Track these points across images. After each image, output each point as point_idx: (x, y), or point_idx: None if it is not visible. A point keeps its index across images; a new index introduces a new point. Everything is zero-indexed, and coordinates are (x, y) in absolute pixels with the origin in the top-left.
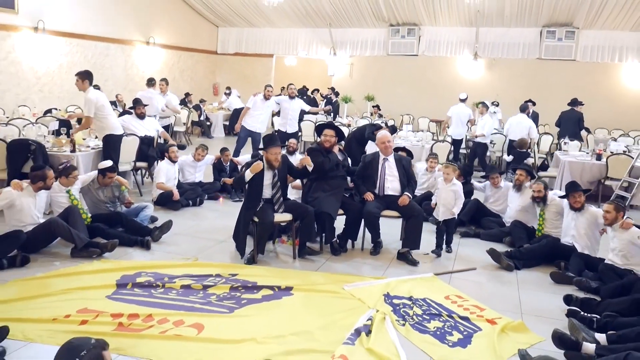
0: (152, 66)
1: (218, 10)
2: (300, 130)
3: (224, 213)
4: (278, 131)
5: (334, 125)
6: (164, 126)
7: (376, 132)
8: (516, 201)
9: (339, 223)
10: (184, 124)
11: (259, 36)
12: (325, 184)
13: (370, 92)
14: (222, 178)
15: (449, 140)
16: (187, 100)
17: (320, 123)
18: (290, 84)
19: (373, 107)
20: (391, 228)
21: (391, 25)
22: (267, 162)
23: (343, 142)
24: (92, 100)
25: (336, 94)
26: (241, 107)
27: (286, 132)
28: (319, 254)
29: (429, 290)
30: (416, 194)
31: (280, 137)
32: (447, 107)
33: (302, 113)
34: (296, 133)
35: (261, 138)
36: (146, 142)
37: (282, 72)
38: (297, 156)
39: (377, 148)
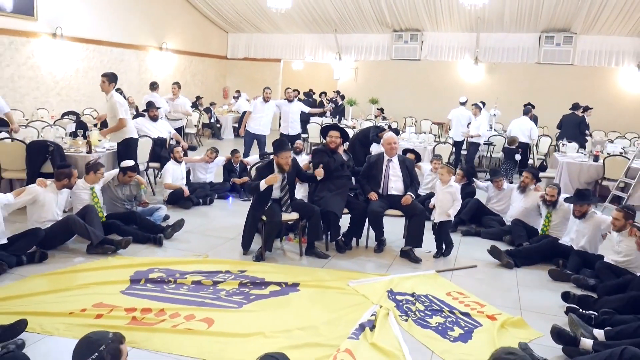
0: (165, 71)
1: (228, 16)
2: (306, 132)
3: (234, 212)
4: (281, 134)
5: (339, 126)
6: (176, 128)
7: (380, 135)
8: (520, 202)
9: (344, 221)
10: (195, 126)
11: (267, 41)
12: (330, 184)
13: (374, 95)
14: (232, 178)
15: (450, 142)
16: (198, 103)
17: (325, 125)
18: (287, 88)
19: (377, 110)
20: (394, 227)
21: (394, 30)
22: (278, 166)
23: (347, 143)
24: (122, 102)
25: (342, 97)
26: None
27: (288, 135)
28: (329, 258)
29: (431, 286)
30: (420, 194)
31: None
32: (449, 110)
33: (303, 115)
34: (299, 135)
35: (266, 140)
36: (159, 144)
37: (290, 76)
38: (304, 157)
39: (381, 149)
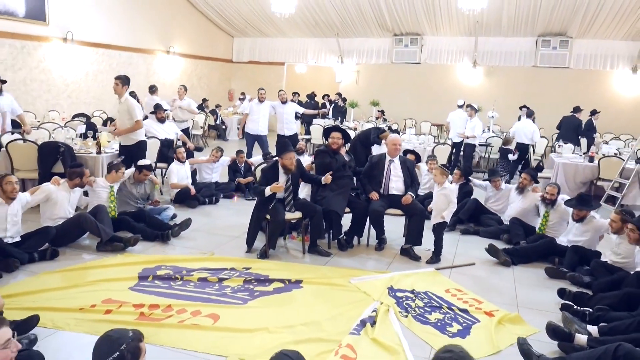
0: (172, 74)
1: (233, 21)
2: (309, 133)
3: (238, 211)
4: (278, 135)
5: (341, 128)
6: (183, 129)
7: (381, 136)
8: (518, 203)
9: (346, 220)
10: (201, 128)
11: (271, 45)
12: (333, 184)
13: (375, 98)
14: (237, 178)
15: (449, 143)
16: (204, 105)
17: (327, 127)
18: (280, 90)
19: (378, 112)
20: (395, 225)
21: (395, 35)
22: (283, 167)
23: (349, 144)
24: (138, 105)
25: (343, 100)
26: None
27: (284, 135)
28: (331, 256)
29: (430, 284)
30: (419, 194)
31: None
32: (448, 112)
33: (306, 117)
34: (295, 135)
35: (267, 138)
36: (166, 145)
37: (293, 79)
38: (306, 158)
39: (381, 150)
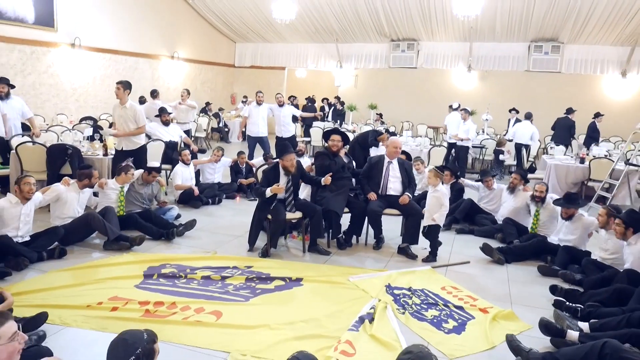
0: (176, 78)
1: (236, 27)
2: (309, 135)
3: (241, 211)
4: (276, 137)
5: (340, 130)
6: (185, 131)
7: (379, 139)
8: (509, 202)
9: (345, 220)
10: (205, 130)
11: (273, 51)
12: (332, 185)
13: (373, 101)
14: (239, 179)
15: (445, 145)
16: (208, 109)
17: (327, 130)
18: (277, 94)
19: (376, 115)
20: (392, 225)
21: (392, 40)
22: (284, 169)
23: (347, 146)
24: (142, 110)
25: (342, 103)
26: None
27: (282, 137)
28: (330, 255)
29: (427, 281)
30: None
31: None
32: (444, 115)
33: (295, 118)
34: (293, 137)
35: (267, 140)
36: (170, 147)
37: (294, 83)
38: (305, 159)
39: (379, 152)
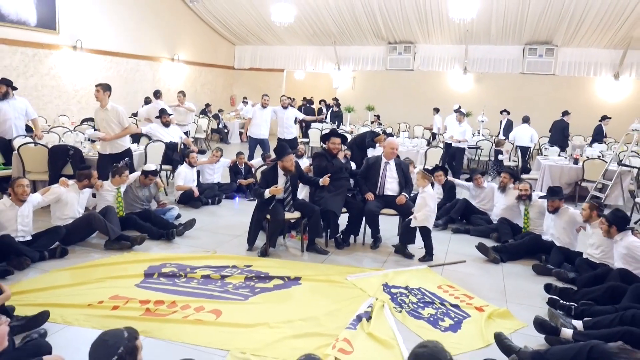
0: (177, 80)
1: (235, 30)
2: (307, 136)
3: (240, 211)
4: (278, 138)
5: (339, 133)
6: (184, 132)
7: (375, 140)
8: (501, 201)
9: (343, 220)
10: (204, 131)
11: (272, 53)
12: (330, 185)
13: (370, 103)
14: (238, 179)
15: (441, 146)
16: (207, 110)
17: (326, 132)
18: (282, 96)
19: (373, 116)
20: (389, 225)
21: (389, 43)
22: (283, 169)
23: (345, 147)
24: (124, 111)
25: (337, 105)
26: None
27: (285, 139)
28: (328, 254)
29: (423, 280)
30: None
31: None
32: (441, 117)
33: (297, 120)
34: (295, 139)
35: (268, 142)
36: (170, 148)
37: (292, 85)
38: (305, 161)
39: (376, 153)
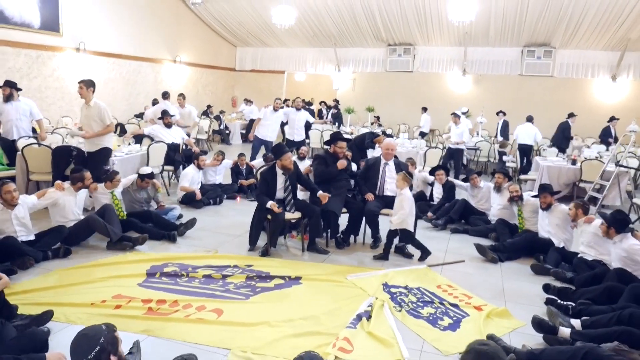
0: (179, 82)
1: (236, 32)
2: (308, 137)
3: (241, 211)
4: (287, 140)
5: (345, 137)
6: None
7: (375, 140)
8: (497, 201)
9: (343, 220)
10: (206, 132)
11: (272, 55)
12: (330, 186)
13: (370, 104)
14: (239, 180)
15: (440, 147)
16: (209, 111)
17: (334, 134)
18: (297, 98)
19: (373, 117)
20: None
21: (389, 45)
22: (282, 168)
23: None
24: (107, 108)
25: (336, 107)
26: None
27: (294, 141)
28: (328, 254)
29: (423, 280)
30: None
31: (288, 145)
32: (440, 118)
33: (307, 124)
34: (303, 141)
35: (273, 144)
36: (172, 148)
37: (293, 87)
38: (307, 162)
39: (376, 154)
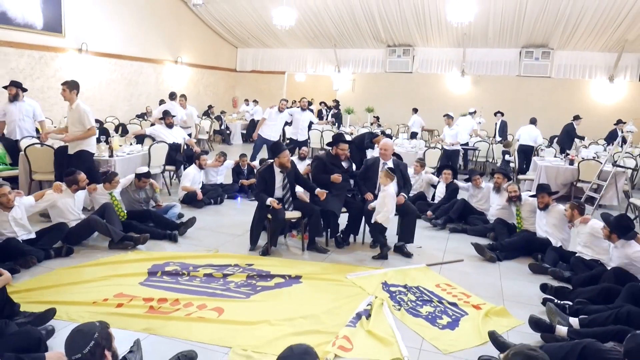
0: (180, 82)
1: (237, 33)
2: (309, 137)
3: (242, 211)
4: (290, 139)
5: (347, 139)
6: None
7: (374, 141)
8: (496, 201)
9: (343, 219)
10: (207, 133)
11: (273, 56)
12: (330, 186)
13: (370, 105)
14: (240, 180)
15: (439, 147)
16: (210, 111)
17: (336, 136)
18: (302, 98)
19: (373, 118)
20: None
21: (388, 46)
22: (280, 166)
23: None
24: (90, 111)
25: (336, 107)
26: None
27: (297, 140)
28: (328, 252)
29: (422, 279)
30: (410, 195)
31: (291, 144)
32: (439, 118)
33: (311, 124)
34: (305, 141)
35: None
36: (174, 148)
37: (293, 87)
38: (307, 162)
39: (376, 154)
